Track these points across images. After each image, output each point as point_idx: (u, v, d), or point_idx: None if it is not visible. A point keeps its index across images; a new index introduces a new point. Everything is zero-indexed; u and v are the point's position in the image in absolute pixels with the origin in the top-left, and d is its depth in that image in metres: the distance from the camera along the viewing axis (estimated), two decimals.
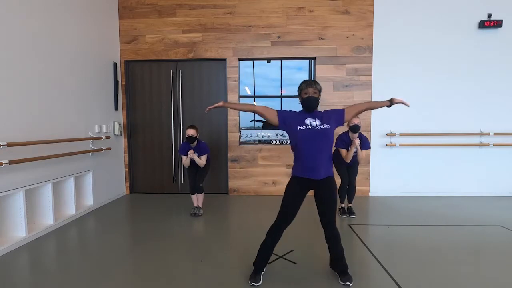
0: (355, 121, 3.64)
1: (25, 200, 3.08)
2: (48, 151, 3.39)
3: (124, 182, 5.25)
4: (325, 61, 4.98)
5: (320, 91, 2.24)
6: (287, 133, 2.28)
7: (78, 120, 4.01)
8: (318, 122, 2.17)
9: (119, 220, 3.91)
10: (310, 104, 2.19)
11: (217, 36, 5.01)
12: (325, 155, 2.17)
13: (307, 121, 2.18)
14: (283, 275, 2.41)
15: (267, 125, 5.26)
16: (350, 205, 4.00)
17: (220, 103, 2.42)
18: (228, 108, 2.37)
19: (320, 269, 2.49)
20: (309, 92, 2.19)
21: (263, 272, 2.33)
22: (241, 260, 2.68)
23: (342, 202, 4.02)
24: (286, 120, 2.24)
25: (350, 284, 2.23)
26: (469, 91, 4.93)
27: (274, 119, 2.26)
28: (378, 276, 2.40)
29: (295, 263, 2.60)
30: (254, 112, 2.39)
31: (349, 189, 3.96)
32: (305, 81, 2.24)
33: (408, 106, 2.42)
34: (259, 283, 2.24)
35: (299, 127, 2.17)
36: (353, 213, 3.92)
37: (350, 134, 3.73)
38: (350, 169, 3.94)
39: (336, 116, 2.25)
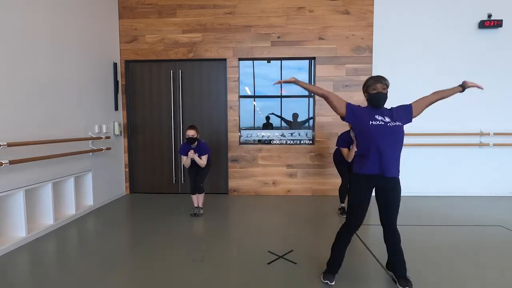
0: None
1: (25, 200, 3.08)
2: (48, 151, 3.40)
3: (124, 182, 5.25)
4: (325, 61, 4.98)
5: (388, 86, 2.18)
6: (354, 126, 2.21)
7: (78, 120, 4.01)
8: (388, 119, 2.10)
9: (119, 220, 3.91)
10: (379, 100, 2.13)
11: (217, 36, 5.01)
12: (397, 153, 2.11)
13: (378, 117, 2.11)
14: (283, 275, 2.41)
15: (267, 125, 5.26)
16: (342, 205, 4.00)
17: (293, 79, 2.28)
18: (297, 85, 2.28)
19: (320, 269, 2.49)
20: (377, 88, 2.13)
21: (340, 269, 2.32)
22: (241, 260, 2.68)
23: (342, 202, 4.02)
24: (354, 112, 2.18)
25: None
26: (469, 91, 4.88)
27: (342, 109, 2.19)
28: (378, 276, 2.40)
29: (295, 263, 2.60)
30: (324, 96, 2.23)
31: (349, 189, 3.95)
32: (372, 77, 2.17)
33: (482, 89, 2.36)
34: (333, 283, 2.24)
35: (370, 122, 2.10)
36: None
37: (352, 133, 3.73)
38: (351, 169, 3.92)
39: (405, 113, 2.18)
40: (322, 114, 5.04)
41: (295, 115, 5.24)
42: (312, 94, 5.14)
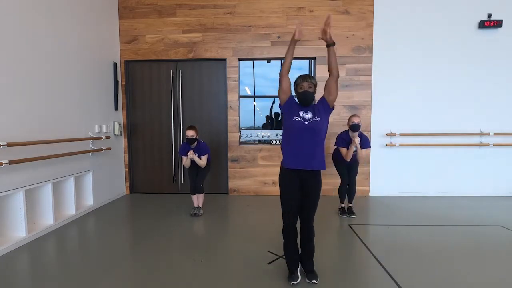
0: (355, 120, 3.66)
1: (25, 200, 3.08)
2: (48, 151, 3.39)
3: (124, 182, 5.25)
4: (325, 61, 4.95)
5: (315, 85, 2.26)
6: (284, 118, 2.31)
7: (78, 120, 4.01)
8: (310, 115, 2.21)
9: (119, 220, 3.91)
10: (304, 98, 2.23)
11: (217, 36, 5.01)
12: (316, 147, 2.20)
13: (301, 113, 2.22)
14: (283, 275, 2.41)
15: (267, 125, 5.26)
16: (350, 205, 4.00)
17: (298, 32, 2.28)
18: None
19: (320, 269, 2.49)
20: (304, 87, 2.23)
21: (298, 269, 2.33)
22: (241, 260, 2.68)
23: (342, 201, 4.02)
24: (290, 106, 2.27)
25: (316, 282, 2.24)
26: (469, 91, 4.93)
27: (285, 96, 2.28)
28: (378, 276, 2.40)
29: None
30: (282, 74, 2.27)
31: (349, 189, 3.96)
32: (300, 76, 2.27)
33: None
34: (298, 280, 2.24)
35: (293, 117, 2.22)
36: (353, 213, 3.92)
37: (350, 133, 3.74)
38: (350, 169, 3.94)
39: (322, 106, 2.28)
40: None
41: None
42: None
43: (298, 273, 2.29)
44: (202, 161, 3.82)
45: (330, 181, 5.06)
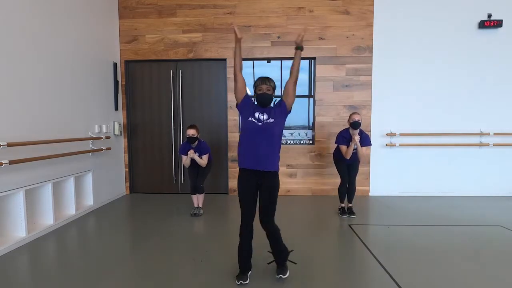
0: (356, 118, 3.67)
1: (25, 200, 3.08)
2: (48, 151, 3.39)
3: (124, 182, 5.25)
4: (325, 61, 4.98)
5: (274, 88, 2.31)
6: (241, 118, 2.33)
7: (78, 120, 4.01)
8: (265, 117, 2.23)
9: (119, 220, 3.91)
10: (262, 100, 2.26)
11: (217, 36, 5.01)
12: (270, 148, 2.22)
13: (256, 114, 2.24)
14: None
15: None
16: (350, 205, 4.00)
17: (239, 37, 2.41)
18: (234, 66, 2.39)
19: (320, 269, 2.49)
20: (262, 89, 2.26)
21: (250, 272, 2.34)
22: None
23: (341, 201, 4.02)
24: (245, 105, 2.29)
25: (283, 276, 2.26)
26: (469, 91, 4.93)
27: (241, 95, 2.32)
28: (378, 276, 2.40)
29: (295, 263, 2.60)
30: (235, 73, 2.35)
31: (349, 189, 3.95)
32: (259, 78, 2.31)
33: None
34: (247, 282, 2.25)
35: (248, 118, 2.23)
36: (353, 213, 3.91)
37: (351, 130, 3.74)
38: (350, 168, 3.93)
39: (279, 109, 2.29)
40: (322, 114, 5.04)
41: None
42: (312, 94, 5.14)
43: (248, 276, 2.28)
44: (203, 161, 3.81)
45: (331, 181, 5.06)
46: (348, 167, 3.93)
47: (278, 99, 2.39)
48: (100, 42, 4.54)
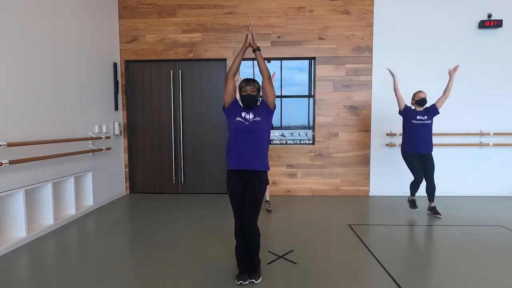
0: (422, 95, 3.82)
1: (25, 200, 3.08)
2: (48, 151, 3.39)
3: (124, 182, 5.25)
4: (325, 61, 4.98)
5: (258, 89, 2.32)
6: (228, 119, 2.32)
7: (78, 120, 4.01)
8: (251, 116, 2.24)
9: (119, 220, 3.91)
10: (247, 101, 2.26)
11: (217, 36, 5.01)
12: (257, 147, 2.22)
13: (242, 114, 2.26)
14: (283, 275, 2.41)
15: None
16: (433, 204, 3.88)
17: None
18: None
19: (320, 269, 2.49)
20: (247, 90, 2.27)
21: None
22: None
23: (412, 195, 4.03)
24: (233, 108, 2.30)
25: (255, 282, 2.25)
26: (469, 91, 4.93)
27: (228, 100, 2.30)
28: (378, 276, 2.40)
29: (295, 263, 2.60)
30: (227, 78, 2.28)
31: (428, 187, 3.84)
32: (244, 80, 2.31)
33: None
34: (247, 282, 2.24)
35: (235, 118, 2.25)
36: (437, 213, 3.79)
37: (415, 107, 3.90)
38: (425, 161, 3.76)
39: (264, 108, 2.30)
40: (322, 114, 5.04)
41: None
42: (312, 94, 5.14)
43: (248, 276, 2.27)
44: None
45: (331, 181, 5.06)
46: (422, 161, 3.73)
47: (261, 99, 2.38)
48: (100, 42, 4.54)
